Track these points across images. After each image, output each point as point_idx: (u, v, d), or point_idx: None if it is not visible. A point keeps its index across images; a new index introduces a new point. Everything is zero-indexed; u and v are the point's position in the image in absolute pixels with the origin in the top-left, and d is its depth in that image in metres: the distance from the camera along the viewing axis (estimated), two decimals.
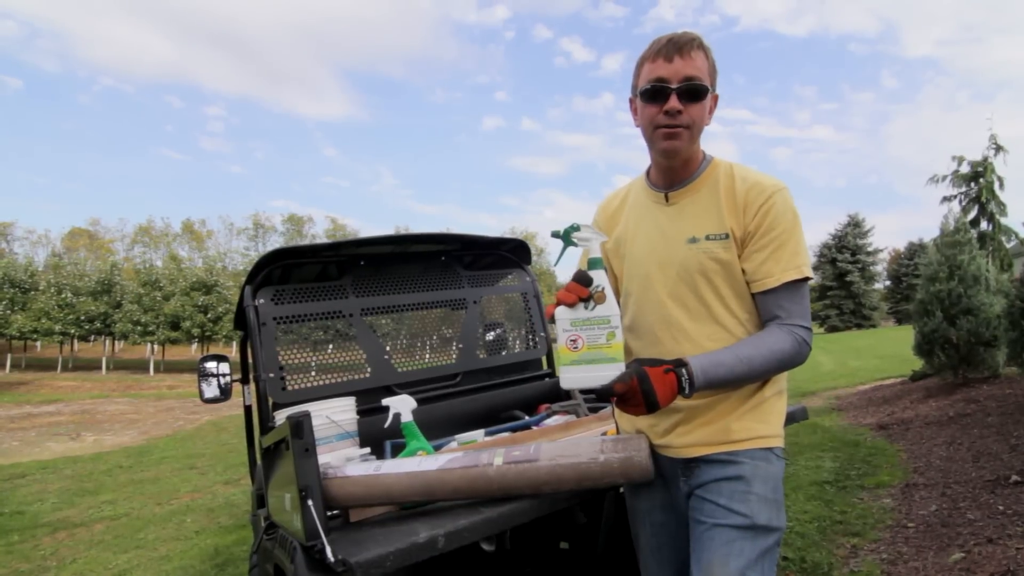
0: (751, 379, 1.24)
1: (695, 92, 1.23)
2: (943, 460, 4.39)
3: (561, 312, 1.19)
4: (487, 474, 1.29)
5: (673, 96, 1.22)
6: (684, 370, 1.16)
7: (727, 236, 1.26)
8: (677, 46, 1.22)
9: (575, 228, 1.23)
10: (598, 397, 1.17)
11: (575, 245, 1.24)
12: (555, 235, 1.25)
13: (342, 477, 1.33)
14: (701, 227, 1.29)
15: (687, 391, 1.16)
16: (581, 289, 1.18)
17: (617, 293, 1.45)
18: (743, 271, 1.27)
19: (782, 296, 1.24)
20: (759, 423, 1.28)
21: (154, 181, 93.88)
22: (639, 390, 1.13)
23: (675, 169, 1.31)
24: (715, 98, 1.29)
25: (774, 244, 1.24)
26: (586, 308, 1.17)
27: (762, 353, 1.21)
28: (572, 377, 1.18)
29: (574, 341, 1.17)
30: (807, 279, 1.25)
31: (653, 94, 1.24)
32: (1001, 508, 3.24)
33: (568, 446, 1.31)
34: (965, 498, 3.52)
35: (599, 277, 1.19)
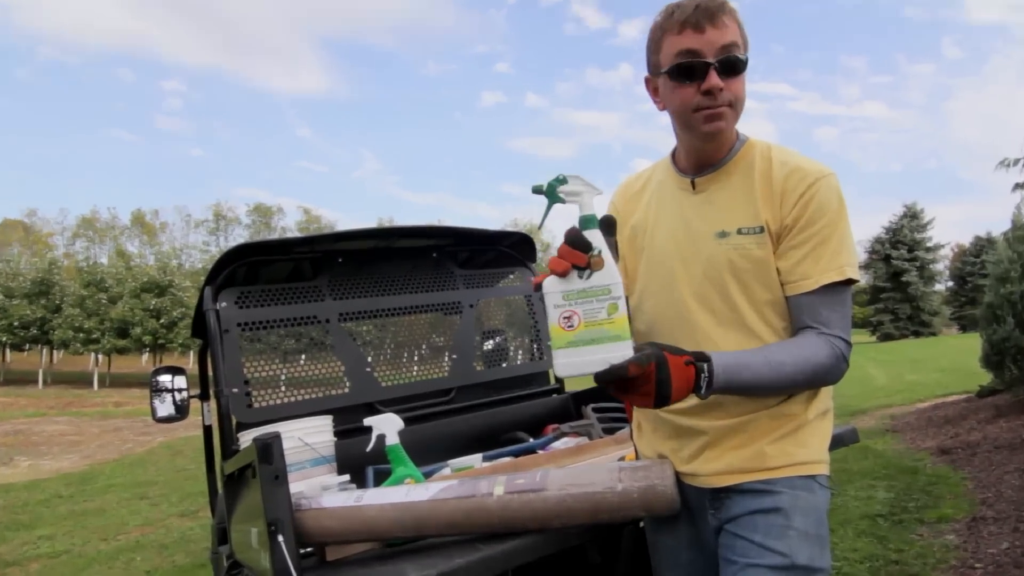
0: (777, 389, 1.23)
1: (735, 65, 1.21)
2: (1016, 490, 4.38)
3: (551, 284, 1.13)
4: (486, 506, 1.29)
5: (712, 72, 1.20)
6: (706, 366, 1.14)
7: (762, 230, 1.25)
8: (708, 13, 1.19)
9: (562, 180, 1.16)
10: (600, 379, 1.09)
11: (562, 202, 1.17)
12: (536, 190, 1.18)
13: (317, 509, 1.33)
14: (732, 219, 1.28)
15: (703, 390, 1.13)
16: (577, 255, 1.11)
17: (627, 291, 1.43)
18: (777, 270, 1.26)
19: (819, 301, 1.23)
20: (799, 447, 1.27)
21: (102, 166, 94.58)
22: (654, 378, 1.08)
23: (708, 152, 1.31)
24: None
25: (815, 240, 1.22)
26: (581, 277, 1.11)
27: (795, 361, 1.20)
28: (570, 362, 1.11)
29: (568, 318, 1.12)
30: (851, 281, 1.24)
31: (687, 71, 1.22)
32: None
33: (580, 473, 1.31)
34: None
35: (595, 238, 1.13)
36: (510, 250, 2.71)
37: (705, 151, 1.31)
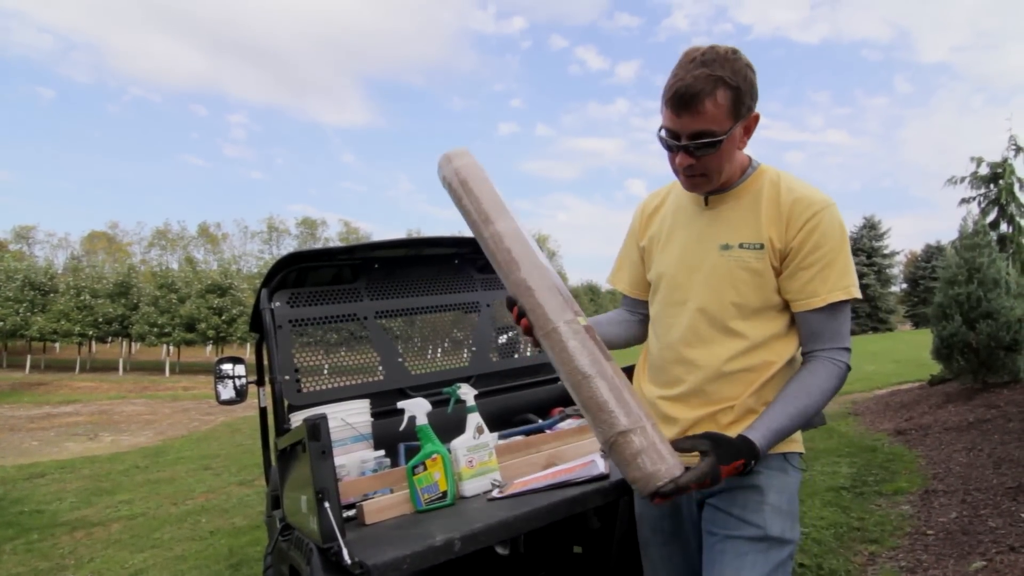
0: (804, 425, 1.22)
1: (704, 147, 1.16)
2: (963, 466, 4.31)
3: (457, 443, 1.59)
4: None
5: (682, 153, 1.18)
6: (753, 461, 1.13)
7: (762, 246, 1.21)
8: (684, 102, 1.13)
9: (458, 387, 1.75)
10: (669, 494, 1.09)
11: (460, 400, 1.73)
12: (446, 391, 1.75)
13: None
14: (737, 234, 1.25)
15: (751, 469, 1.15)
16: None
17: (646, 288, 1.45)
18: (786, 289, 1.22)
19: (825, 317, 1.20)
20: None
21: (177, 186, 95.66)
22: (710, 480, 1.09)
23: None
24: (754, 118, 1.21)
25: (821, 263, 1.18)
26: (474, 439, 1.62)
27: (815, 400, 1.17)
28: (473, 486, 1.57)
29: (471, 461, 1.58)
30: (855, 300, 1.21)
31: (666, 144, 1.21)
32: (1023, 516, 3.18)
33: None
34: (986, 505, 3.46)
35: (475, 418, 1.65)
36: None
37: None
